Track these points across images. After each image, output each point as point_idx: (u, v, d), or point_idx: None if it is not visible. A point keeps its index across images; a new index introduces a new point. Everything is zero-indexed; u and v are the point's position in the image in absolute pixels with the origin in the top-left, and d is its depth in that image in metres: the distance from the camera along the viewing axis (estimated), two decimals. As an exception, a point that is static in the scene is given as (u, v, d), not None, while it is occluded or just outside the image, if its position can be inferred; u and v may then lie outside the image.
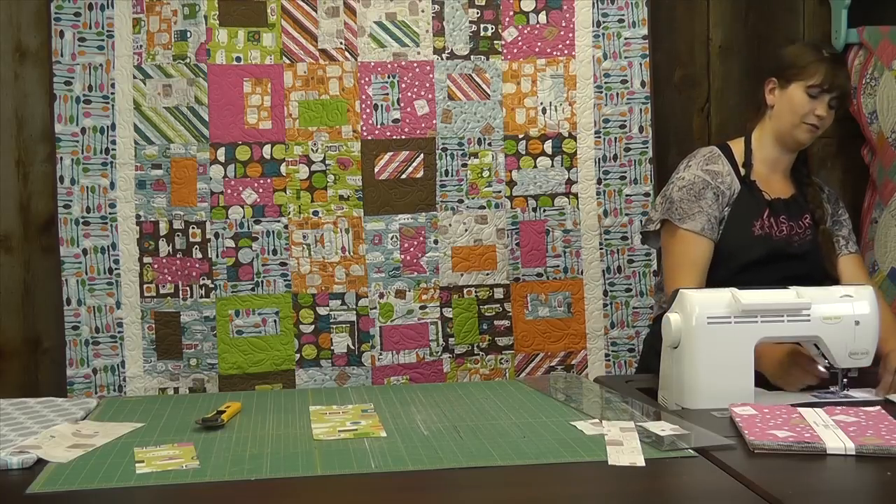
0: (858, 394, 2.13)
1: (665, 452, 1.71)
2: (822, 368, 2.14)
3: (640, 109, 3.11)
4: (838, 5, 3.15)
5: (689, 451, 1.72)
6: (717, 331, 2.05)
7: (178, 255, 2.93)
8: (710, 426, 1.86)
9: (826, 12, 3.21)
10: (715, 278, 2.43)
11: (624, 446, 1.73)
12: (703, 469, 1.65)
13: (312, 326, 2.97)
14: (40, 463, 1.70)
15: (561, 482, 1.62)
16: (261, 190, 2.95)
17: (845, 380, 2.13)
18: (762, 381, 2.14)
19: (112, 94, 2.89)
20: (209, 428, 1.91)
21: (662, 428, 1.82)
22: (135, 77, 2.91)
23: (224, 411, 1.97)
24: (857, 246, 2.60)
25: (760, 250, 2.45)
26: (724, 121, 3.24)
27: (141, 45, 2.91)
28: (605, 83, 3.10)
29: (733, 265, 2.45)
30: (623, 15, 3.10)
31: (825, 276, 2.50)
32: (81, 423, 1.95)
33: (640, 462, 1.66)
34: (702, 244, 2.45)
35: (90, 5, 2.89)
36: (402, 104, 3.01)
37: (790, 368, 2.18)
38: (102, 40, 2.88)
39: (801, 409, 1.91)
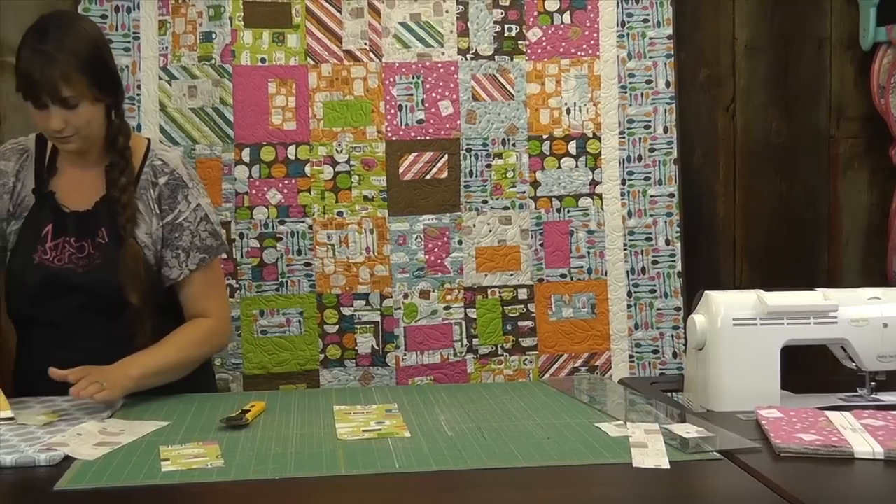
0: (887, 397, 2.11)
1: (690, 455, 1.71)
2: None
3: (665, 109, 3.09)
4: (867, 4, 3.12)
5: (715, 453, 1.71)
6: (743, 333, 2.04)
7: (203, 255, 2.94)
8: (735, 429, 1.85)
9: (854, 10, 3.19)
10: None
11: (648, 448, 1.72)
12: (728, 472, 1.64)
13: (337, 327, 2.97)
14: (67, 460, 1.71)
15: (585, 484, 1.62)
16: (285, 190, 2.96)
17: (873, 383, 2.11)
18: (789, 383, 2.12)
19: (138, 95, 2.90)
20: (234, 427, 1.91)
21: (687, 430, 1.81)
22: (160, 78, 2.92)
23: (248, 411, 1.98)
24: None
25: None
26: (750, 120, 3.23)
27: (167, 47, 2.92)
28: (630, 83, 3.08)
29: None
30: (648, 15, 3.09)
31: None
32: (108, 421, 1.96)
33: (665, 464, 1.66)
34: None
35: (116, 7, 2.90)
36: (426, 105, 3.01)
37: None
38: (129, 42, 2.90)
39: (828, 413, 1.90)
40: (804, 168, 3.24)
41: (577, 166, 3.07)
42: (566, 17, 3.07)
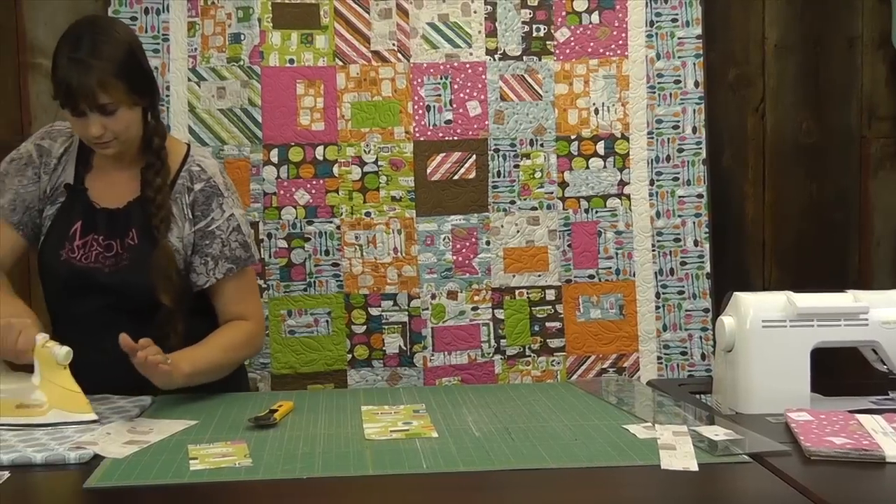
0: (918, 400, 2.10)
1: (719, 457, 1.70)
2: None
3: (694, 110, 3.08)
4: (898, 3, 3.10)
5: (744, 456, 1.70)
6: (772, 335, 2.03)
7: (231, 256, 2.95)
8: (764, 431, 1.84)
9: (885, 9, 3.16)
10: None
11: (677, 450, 1.72)
12: (757, 475, 1.63)
13: (364, 327, 2.98)
14: (97, 458, 1.73)
15: (613, 485, 1.61)
16: (313, 191, 2.96)
17: (904, 385, 2.10)
18: (819, 385, 2.11)
19: (167, 96, 2.92)
20: (262, 427, 1.92)
21: (716, 432, 1.80)
22: (189, 79, 2.94)
23: (276, 410, 1.99)
24: None
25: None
26: (779, 120, 3.20)
27: (195, 49, 2.94)
28: (659, 83, 3.07)
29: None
30: (677, 14, 3.07)
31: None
32: (137, 420, 1.97)
33: (694, 467, 1.65)
34: None
35: (146, 9, 2.92)
36: (454, 105, 3.01)
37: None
38: (158, 44, 2.92)
39: (859, 416, 1.88)
40: (834, 168, 3.22)
41: (605, 167, 3.06)
42: (594, 17, 3.06)
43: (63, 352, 1.96)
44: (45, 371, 1.97)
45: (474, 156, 3.01)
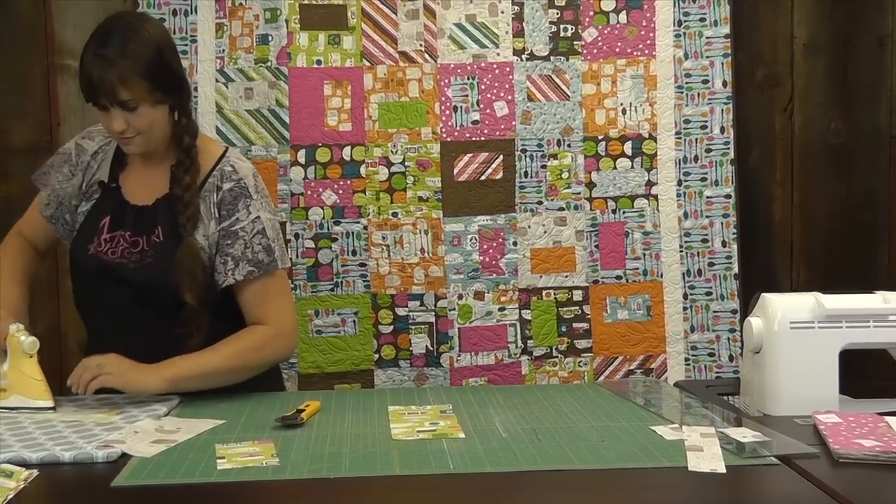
0: (948, 402, 2.08)
1: (746, 459, 1.69)
2: None
3: (722, 109, 3.07)
4: (929, 1, 3.08)
5: (771, 458, 1.69)
6: (801, 336, 2.01)
7: (259, 256, 2.96)
8: (792, 433, 1.82)
9: (916, 7, 3.14)
10: None
11: (704, 452, 1.71)
12: (785, 477, 1.62)
13: (391, 327, 2.99)
14: (124, 457, 1.74)
15: (640, 487, 1.61)
16: (341, 191, 2.97)
17: (935, 388, 2.08)
18: (847, 387, 2.09)
19: (195, 97, 2.93)
20: (289, 426, 1.93)
21: (744, 434, 1.79)
22: (217, 80, 2.96)
23: (303, 410, 1.99)
24: None
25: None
26: (808, 120, 3.19)
27: (223, 50, 2.95)
28: (686, 83, 3.06)
29: None
30: (705, 14, 3.06)
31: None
32: (164, 419, 1.99)
33: (721, 469, 1.64)
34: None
35: (174, 11, 2.94)
36: (481, 106, 3.01)
37: None
38: (186, 45, 2.93)
39: (888, 418, 1.87)
40: (864, 169, 3.19)
41: (632, 167, 3.05)
42: (622, 17, 3.05)
43: (28, 341, 2.08)
44: (13, 359, 2.09)
45: (501, 156, 3.01)
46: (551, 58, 3.04)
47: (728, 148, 3.06)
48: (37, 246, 2.42)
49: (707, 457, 1.69)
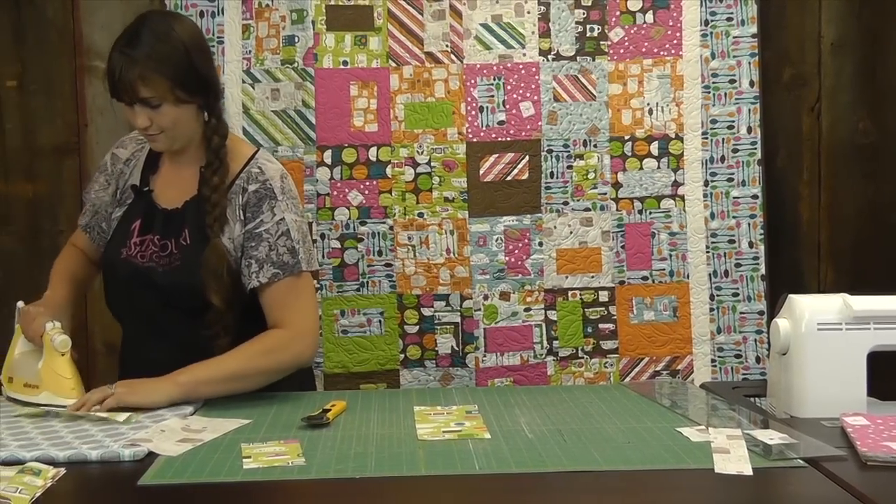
0: (978, 405, 2.06)
1: (773, 462, 1.68)
2: None
3: (749, 109, 3.05)
4: (959, 1, 3.05)
5: (798, 460, 1.68)
6: (828, 338, 2.00)
7: (285, 256, 2.97)
8: (819, 436, 1.81)
9: (946, 7, 3.11)
10: None
11: (731, 454, 1.70)
12: (812, 480, 1.61)
13: (417, 327, 2.99)
14: (151, 456, 1.75)
15: (666, 489, 1.60)
16: (366, 192, 2.98)
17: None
18: (876, 390, 2.08)
19: (222, 98, 2.95)
20: (315, 426, 1.93)
21: (770, 436, 1.79)
22: (244, 81, 2.97)
23: (329, 410, 2.00)
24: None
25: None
26: (836, 120, 3.16)
27: (250, 51, 2.97)
28: (713, 83, 3.05)
29: None
30: (732, 13, 3.05)
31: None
32: (190, 418, 2.00)
33: (748, 471, 1.63)
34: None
35: (201, 13, 2.95)
36: (507, 106, 3.01)
37: None
38: (213, 46, 2.94)
39: (916, 420, 1.85)
40: (892, 169, 3.17)
41: (659, 167, 3.04)
42: (649, 17, 3.04)
43: (60, 339, 2.11)
44: (47, 356, 2.12)
45: (527, 156, 3.01)
46: (577, 58, 3.03)
47: (755, 148, 3.04)
48: (87, 255, 2.46)
49: (733, 459, 1.68)
